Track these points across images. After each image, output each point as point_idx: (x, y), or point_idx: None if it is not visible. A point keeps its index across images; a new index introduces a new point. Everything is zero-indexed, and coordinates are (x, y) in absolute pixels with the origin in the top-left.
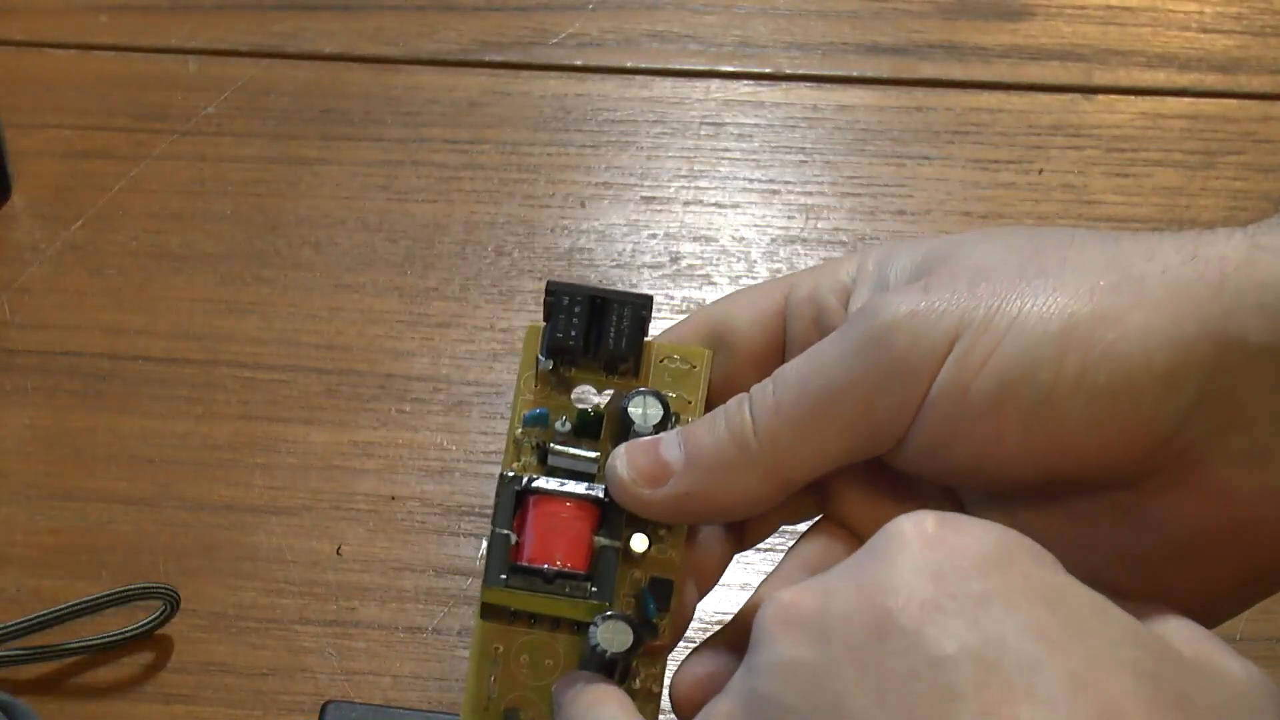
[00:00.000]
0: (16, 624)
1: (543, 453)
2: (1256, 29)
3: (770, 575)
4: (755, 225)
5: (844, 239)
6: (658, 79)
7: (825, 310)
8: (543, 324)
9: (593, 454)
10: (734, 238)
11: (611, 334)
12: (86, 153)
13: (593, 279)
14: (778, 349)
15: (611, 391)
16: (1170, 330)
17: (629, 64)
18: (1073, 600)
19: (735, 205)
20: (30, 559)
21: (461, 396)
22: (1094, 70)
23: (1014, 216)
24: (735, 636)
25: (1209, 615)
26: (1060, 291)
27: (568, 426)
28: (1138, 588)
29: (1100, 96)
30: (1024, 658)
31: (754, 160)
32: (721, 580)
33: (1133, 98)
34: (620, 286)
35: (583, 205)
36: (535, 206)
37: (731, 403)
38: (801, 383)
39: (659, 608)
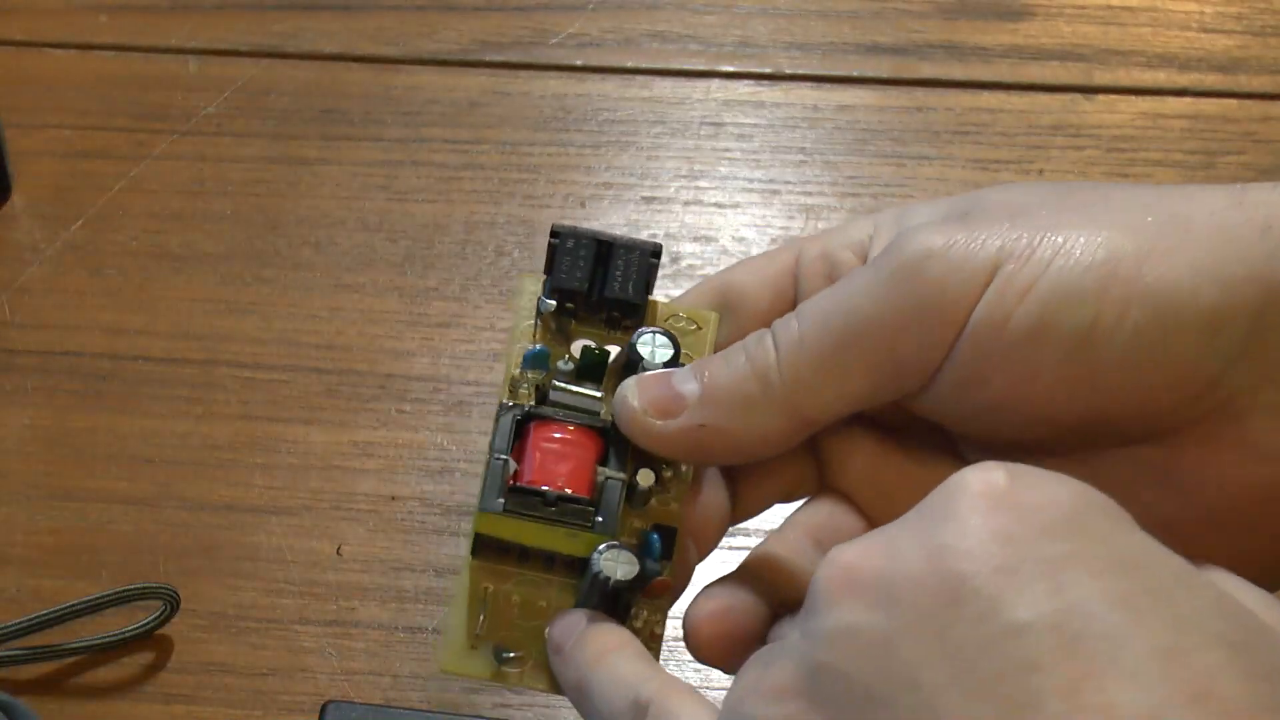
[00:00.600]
0: (16, 624)
1: (542, 395)
2: (1256, 29)
3: (771, 537)
4: (755, 225)
5: None
6: (658, 79)
7: (839, 265)
8: (542, 275)
9: (598, 393)
10: (734, 238)
11: (618, 278)
12: (86, 153)
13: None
14: (788, 309)
15: (615, 349)
16: (1216, 271)
17: (629, 64)
18: (1154, 564)
19: (735, 205)
20: (30, 559)
21: (461, 396)
22: (1094, 70)
23: None
24: (745, 578)
25: None
26: (1104, 227)
27: (570, 365)
28: None
29: (1100, 96)
30: (1108, 628)
31: (754, 160)
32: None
33: (1133, 98)
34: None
35: (583, 205)
36: (535, 206)
37: (751, 337)
38: (827, 314)
39: (664, 553)
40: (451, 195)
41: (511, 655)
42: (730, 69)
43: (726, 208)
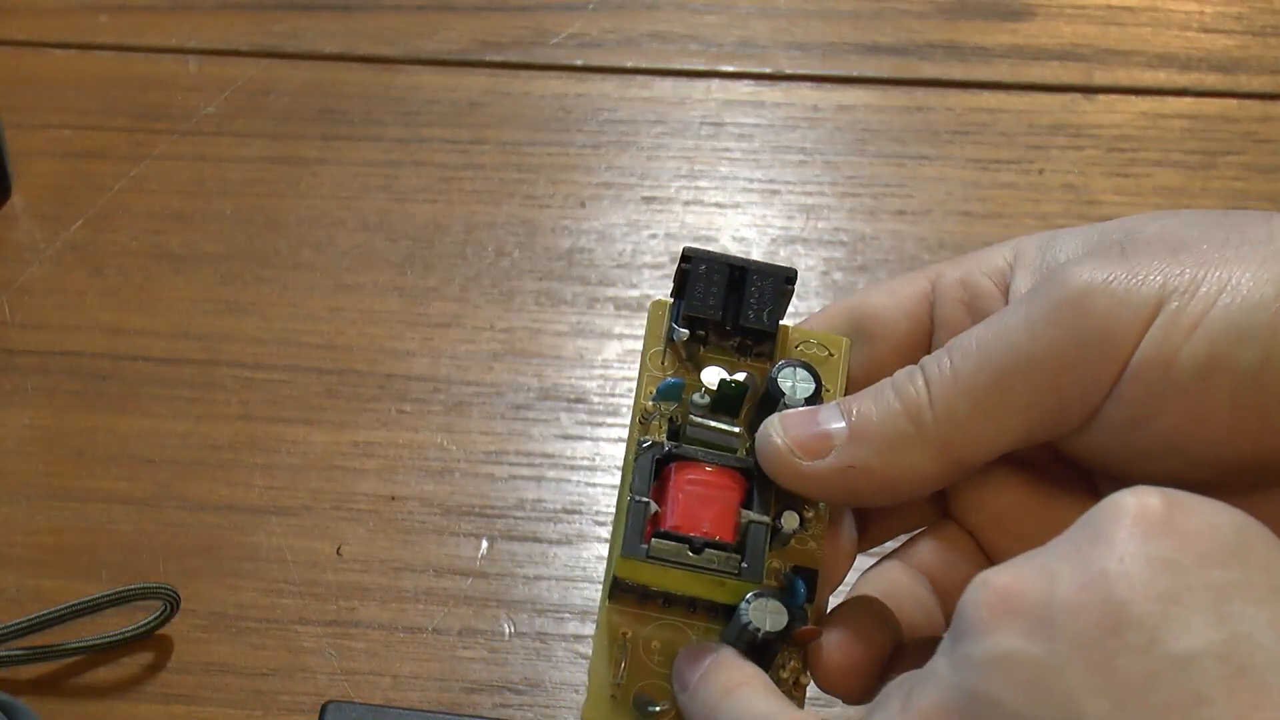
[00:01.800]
0: (16, 624)
1: (674, 429)
2: (1256, 29)
3: (886, 563)
4: (755, 225)
5: (844, 239)
6: (658, 79)
7: (979, 294)
8: (669, 300)
9: (735, 428)
10: (734, 238)
11: (753, 306)
12: (86, 153)
13: (593, 279)
14: (924, 337)
15: (743, 375)
16: None
17: (629, 64)
18: None
19: (735, 205)
20: (30, 559)
21: (461, 396)
22: (1094, 70)
23: (1014, 216)
24: (868, 607)
25: None
26: (1272, 261)
27: (706, 399)
28: None
29: (1100, 96)
30: (1277, 658)
31: (754, 160)
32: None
33: (1133, 98)
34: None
35: (583, 205)
36: (535, 206)
37: (900, 374)
38: (983, 351)
39: (807, 597)
40: (451, 195)
41: (657, 709)
42: (730, 69)
43: (727, 208)
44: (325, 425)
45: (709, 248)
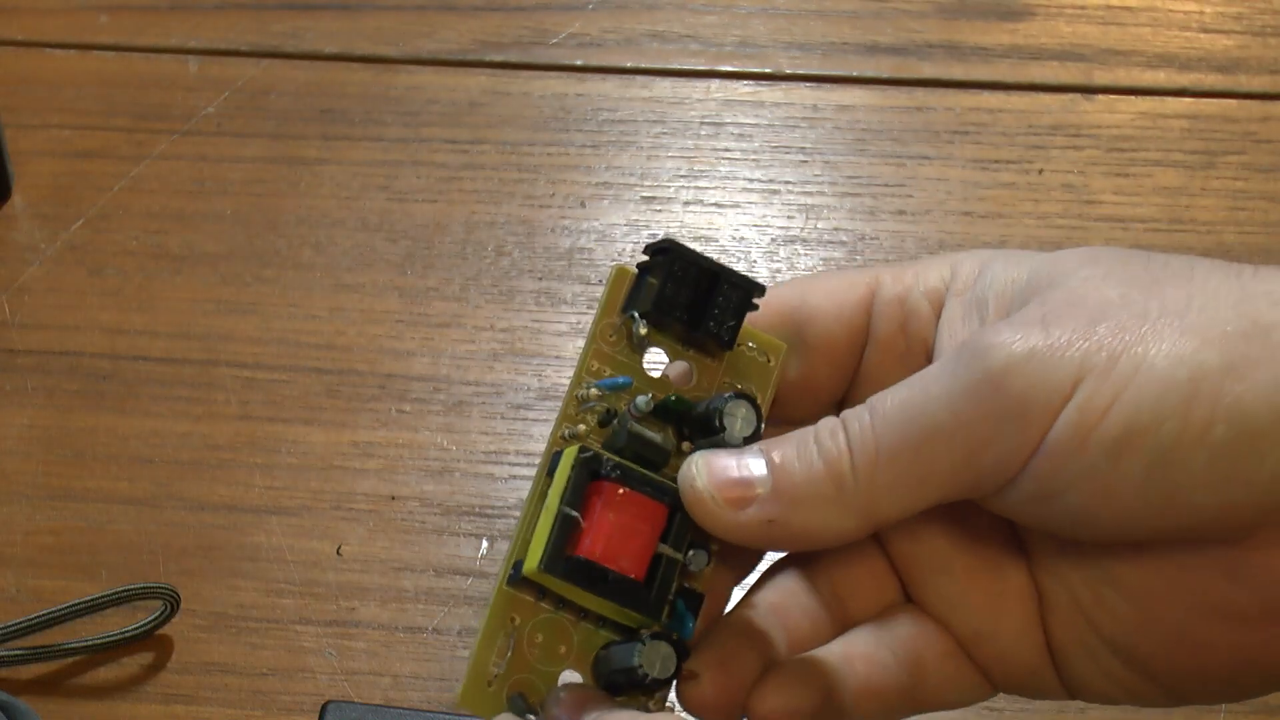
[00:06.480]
0: (16, 624)
1: (607, 417)
2: (1256, 29)
3: (761, 582)
4: (755, 225)
5: (844, 239)
6: (658, 79)
7: (915, 315)
8: (633, 270)
9: (668, 445)
10: (734, 238)
11: (715, 315)
12: (86, 153)
13: (593, 279)
14: (857, 348)
15: (682, 363)
16: None
17: (629, 64)
18: None
19: (735, 205)
20: (30, 559)
21: (461, 396)
22: (1094, 70)
23: (1014, 216)
24: (743, 629)
25: None
26: (1187, 336)
27: (651, 405)
28: (1231, 642)
29: (1100, 96)
30: None
31: (754, 160)
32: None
33: (1133, 98)
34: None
35: (583, 205)
36: (535, 206)
37: (824, 430)
38: (905, 421)
39: (694, 624)
40: (451, 195)
41: (532, 717)
42: (730, 69)
43: (726, 207)
44: (325, 425)
45: (709, 248)
